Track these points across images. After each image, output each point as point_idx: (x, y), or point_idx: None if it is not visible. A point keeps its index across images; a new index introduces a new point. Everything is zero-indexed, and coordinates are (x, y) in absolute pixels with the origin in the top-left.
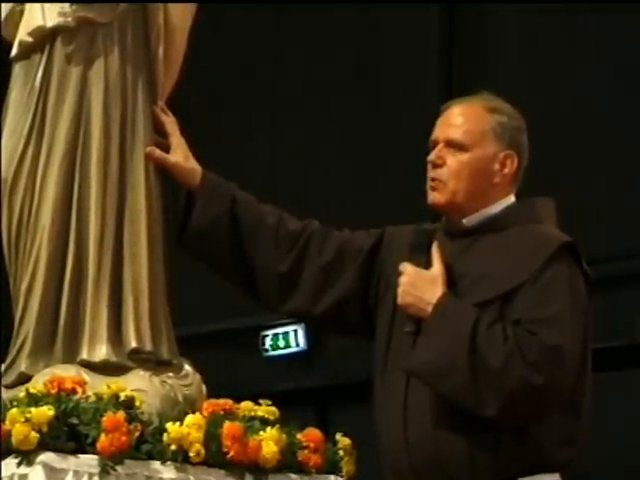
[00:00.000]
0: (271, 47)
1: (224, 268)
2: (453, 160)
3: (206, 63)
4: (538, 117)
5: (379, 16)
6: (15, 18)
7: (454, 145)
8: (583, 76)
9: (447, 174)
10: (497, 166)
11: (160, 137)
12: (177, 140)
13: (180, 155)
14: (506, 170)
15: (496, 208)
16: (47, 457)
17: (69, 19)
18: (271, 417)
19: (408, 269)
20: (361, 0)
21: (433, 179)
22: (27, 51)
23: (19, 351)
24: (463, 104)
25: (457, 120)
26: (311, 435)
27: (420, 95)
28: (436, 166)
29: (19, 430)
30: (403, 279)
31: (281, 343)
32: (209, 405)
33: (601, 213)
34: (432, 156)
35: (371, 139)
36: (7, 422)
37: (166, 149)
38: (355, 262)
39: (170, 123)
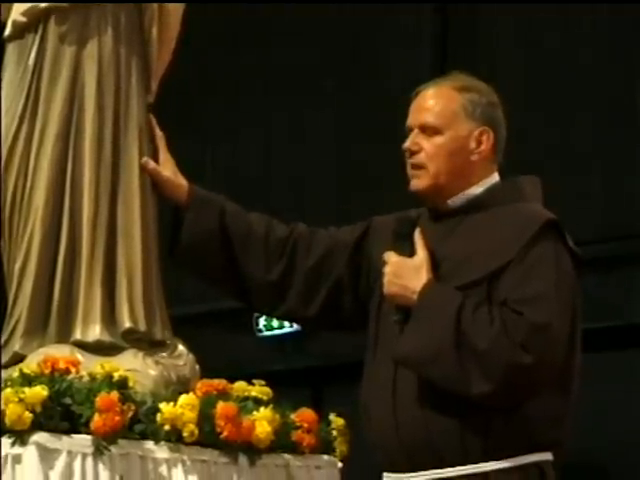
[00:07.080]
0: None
1: (217, 280)
2: (429, 144)
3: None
4: (534, 110)
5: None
6: None
7: (428, 129)
8: (578, 68)
9: (425, 158)
10: (473, 144)
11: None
12: (165, 155)
13: (169, 170)
14: (483, 147)
15: (480, 188)
16: (41, 437)
17: None
18: (265, 397)
19: (392, 259)
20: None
21: (412, 166)
22: (20, 31)
23: (13, 331)
24: (432, 87)
25: (428, 104)
26: (305, 415)
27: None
28: (413, 153)
29: (13, 410)
30: (387, 269)
31: (275, 323)
32: (203, 385)
33: (597, 195)
34: (407, 143)
35: (365, 135)
36: (1, 402)
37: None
38: (343, 257)
39: (159, 138)
